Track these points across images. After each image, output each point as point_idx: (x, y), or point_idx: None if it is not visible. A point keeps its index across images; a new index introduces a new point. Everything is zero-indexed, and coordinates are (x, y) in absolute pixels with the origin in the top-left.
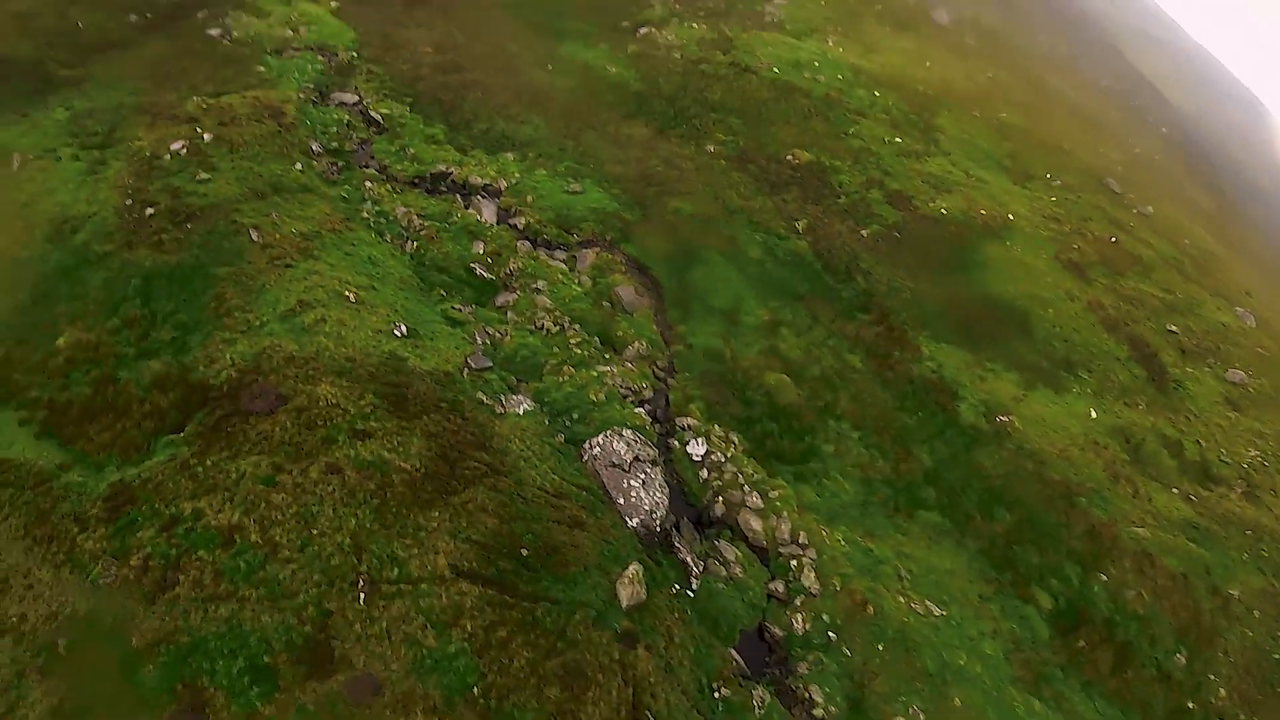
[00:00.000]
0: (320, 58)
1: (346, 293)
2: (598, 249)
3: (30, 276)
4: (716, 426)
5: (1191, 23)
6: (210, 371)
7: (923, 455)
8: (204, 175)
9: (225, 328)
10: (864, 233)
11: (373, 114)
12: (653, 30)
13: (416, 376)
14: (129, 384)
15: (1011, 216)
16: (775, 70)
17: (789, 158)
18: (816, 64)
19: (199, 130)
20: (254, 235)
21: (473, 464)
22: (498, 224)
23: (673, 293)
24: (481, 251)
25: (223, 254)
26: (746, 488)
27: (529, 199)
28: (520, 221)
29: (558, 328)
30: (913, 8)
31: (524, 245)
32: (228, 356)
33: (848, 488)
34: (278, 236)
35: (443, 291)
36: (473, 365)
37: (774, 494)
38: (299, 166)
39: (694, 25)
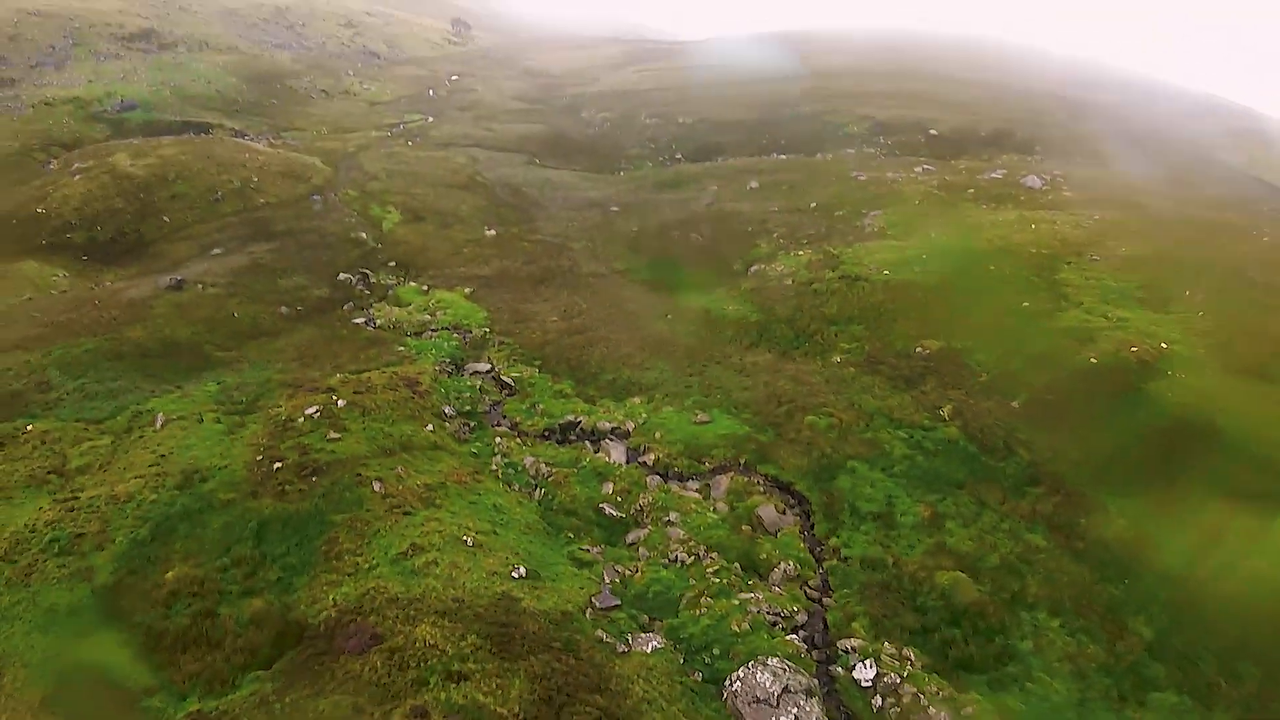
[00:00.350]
0: (456, 335)
1: (465, 537)
2: (732, 474)
3: (154, 516)
4: (887, 644)
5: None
6: (310, 611)
7: (1140, 627)
8: (334, 435)
9: (333, 570)
10: (1014, 404)
11: (504, 378)
12: (762, 266)
13: (529, 616)
14: (228, 619)
15: (1165, 345)
16: (886, 273)
17: (918, 350)
18: (924, 257)
19: (335, 398)
20: (376, 486)
21: (584, 708)
22: (627, 463)
23: (819, 506)
24: (610, 491)
25: (343, 503)
26: (933, 710)
27: (657, 435)
28: (650, 458)
29: (693, 558)
30: (1003, 181)
31: (654, 480)
32: (330, 598)
33: (1058, 686)
34: (401, 488)
35: (570, 534)
36: (598, 605)
37: (968, 710)
38: (430, 428)
39: (800, 253)
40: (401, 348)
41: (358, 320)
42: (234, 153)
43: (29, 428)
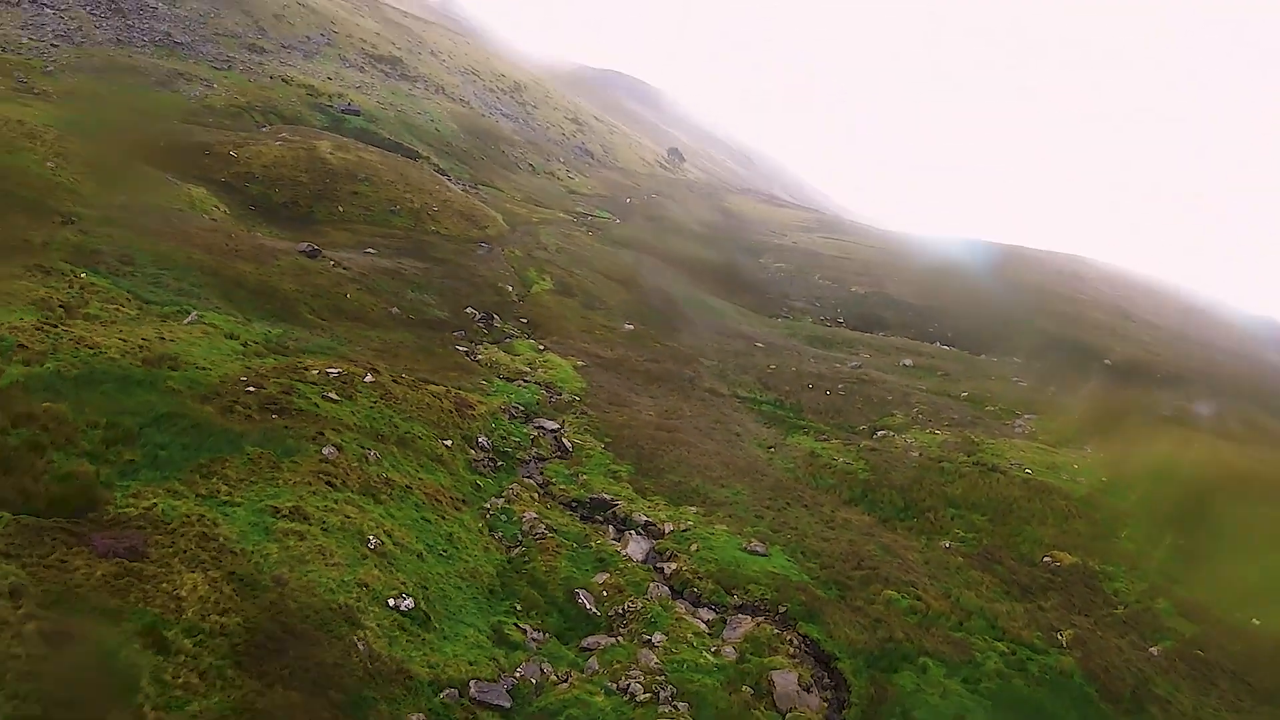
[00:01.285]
0: (544, 392)
1: (373, 536)
2: (761, 620)
3: (98, 368)
4: None
5: None
6: (119, 500)
7: None
8: (334, 396)
9: (190, 484)
10: (1153, 650)
11: (565, 441)
12: (891, 434)
13: (341, 647)
14: (46, 464)
15: None
16: (1027, 471)
17: (1046, 559)
18: (1075, 466)
19: (367, 374)
20: (327, 451)
21: None
22: (641, 562)
23: (862, 699)
24: (600, 581)
25: (272, 443)
26: None
27: (693, 547)
28: (670, 566)
29: (649, 696)
30: (1172, 419)
31: (659, 590)
32: (153, 502)
33: None
34: (354, 467)
35: (519, 605)
36: (475, 694)
37: None
38: (448, 443)
39: (936, 432)
40: (485, 382)
41: (460, 348)
42: (427, 181)
43: (82, 275)
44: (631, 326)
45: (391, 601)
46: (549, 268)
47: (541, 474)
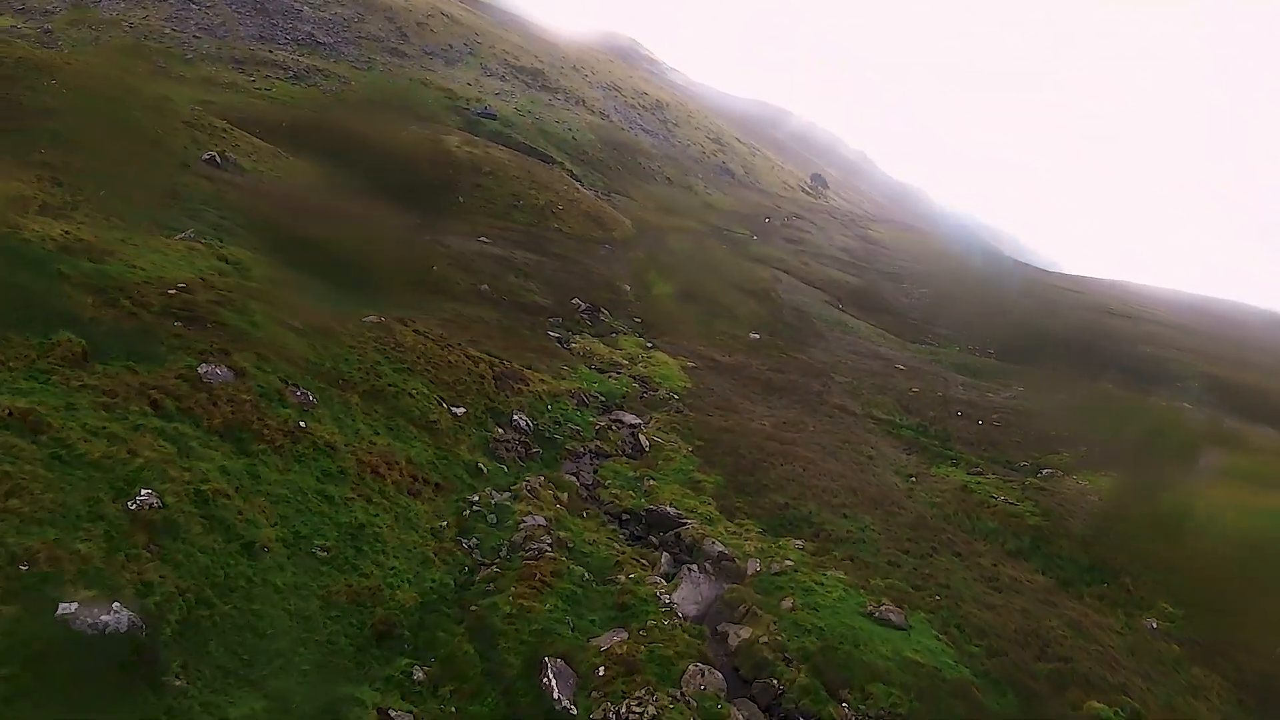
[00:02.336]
0: (637, 385)
1: (148, 490)
2: None
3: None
4: None
5: None
6: None
7: None
8: (296, 325)
9: None
10: None
11: (642, 438)
12: (1058, 473)
13: None
14: None
15: None
16: (1237, 524)
17: None
18: None
19: (372, 315)
20: (204, 370)
21: None
22: (692, 621)
23: None
24: (601, 648)
25: (118, 340)
26: None
27: (786, 602)
28: (741, 633)
29: None
30: None
31: (706, 678)
32: None
33: None
34: (238, 399)
35: (423, 671)
36: None
37: None
38: (457, 411)
39: (1112, 473)
40: (566, 367)
41: (552, 334)
42: (555, 181)
43: (101, 194)
44: (758, 336)
45: (66, 607)
46: (674, 273)
47: (594, 472)
